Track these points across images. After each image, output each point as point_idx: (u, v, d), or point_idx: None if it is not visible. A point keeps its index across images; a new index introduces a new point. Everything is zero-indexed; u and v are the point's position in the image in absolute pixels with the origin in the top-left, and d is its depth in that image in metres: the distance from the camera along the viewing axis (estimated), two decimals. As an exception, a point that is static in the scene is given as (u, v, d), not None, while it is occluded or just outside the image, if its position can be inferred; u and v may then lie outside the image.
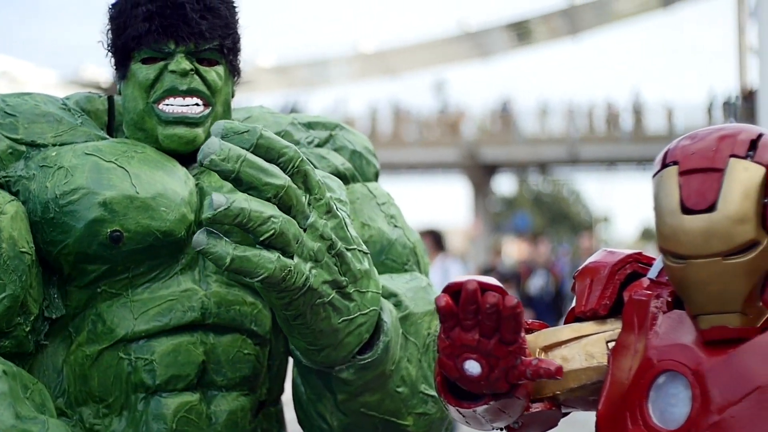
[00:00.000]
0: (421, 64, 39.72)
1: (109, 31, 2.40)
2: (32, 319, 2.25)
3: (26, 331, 2.24)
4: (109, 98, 2.49)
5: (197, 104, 2.35)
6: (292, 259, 2.01)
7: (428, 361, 2.45)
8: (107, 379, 2.28)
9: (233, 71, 2.43)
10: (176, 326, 2.28)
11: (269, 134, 1.98)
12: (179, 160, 2.37)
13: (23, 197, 2.26)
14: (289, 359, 2.47)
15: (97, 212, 2.21)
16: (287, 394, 2.48)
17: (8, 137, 2.30)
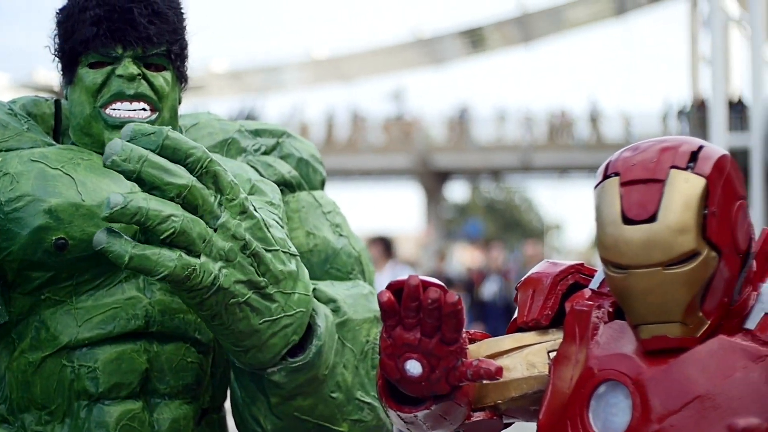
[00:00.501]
0: (374, 70, 39.85)
1: (56, 35, 2.38)
2: (-25, 325, 2.23)
3: (-31, 337, 2.22)
4: (56, 102, 2.47)
5: (144, 109, 2.34)
6: (198, 258, 2.03)
7: (366, 368, 2.45)
8: (50, 386, 2.26)
9: (180, 77, 2.42)
10: (120, 334, 2.27)
11: (176, 135, 2.02)
12: None
13: (-33, 203, 2.24)
14: (232, 367, 2.46)
15: (42, 220, 2.20)
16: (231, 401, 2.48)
17: None
